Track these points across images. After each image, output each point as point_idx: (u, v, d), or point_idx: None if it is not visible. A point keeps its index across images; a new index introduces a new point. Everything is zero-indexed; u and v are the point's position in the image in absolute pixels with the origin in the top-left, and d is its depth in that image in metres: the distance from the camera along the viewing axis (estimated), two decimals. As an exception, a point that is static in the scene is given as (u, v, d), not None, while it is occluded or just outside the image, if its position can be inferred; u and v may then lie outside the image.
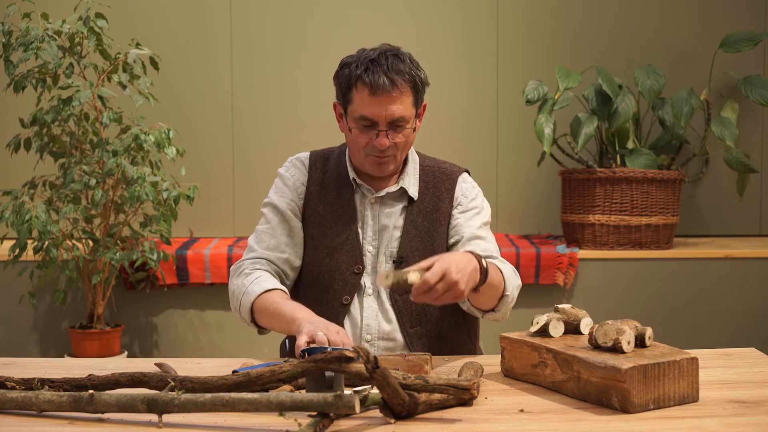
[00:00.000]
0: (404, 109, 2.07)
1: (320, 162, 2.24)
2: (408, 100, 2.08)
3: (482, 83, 4.31)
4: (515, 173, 4.35)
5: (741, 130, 4.23)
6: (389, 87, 2.04)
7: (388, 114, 2.06)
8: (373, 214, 2.19)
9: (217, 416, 1.59)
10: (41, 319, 3.80)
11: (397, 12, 4.31)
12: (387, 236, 2.18)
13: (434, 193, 2.21)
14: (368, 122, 2.08)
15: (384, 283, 1.77)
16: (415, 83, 2.09)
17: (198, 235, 4.27)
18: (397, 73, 2.05)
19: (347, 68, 2.10)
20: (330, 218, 2.18)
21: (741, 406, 1.64)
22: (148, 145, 3.46)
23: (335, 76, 2.14)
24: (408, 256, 2.16)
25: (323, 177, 2.22)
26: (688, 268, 3.89)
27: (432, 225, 2.19)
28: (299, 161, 2.25)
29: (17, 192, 3.46)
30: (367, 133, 2.09)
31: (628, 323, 1.78)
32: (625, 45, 4.33)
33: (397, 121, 2.07)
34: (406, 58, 2.10)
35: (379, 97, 2.05)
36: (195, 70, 4.26)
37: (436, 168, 2.25)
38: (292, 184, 2.22)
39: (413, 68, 2.10)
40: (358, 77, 2.06)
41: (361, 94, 2.07)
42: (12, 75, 3.44)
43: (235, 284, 2.15)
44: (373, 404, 1.59)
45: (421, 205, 2.19)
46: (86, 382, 1.65)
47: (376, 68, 2.05)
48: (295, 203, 2.20)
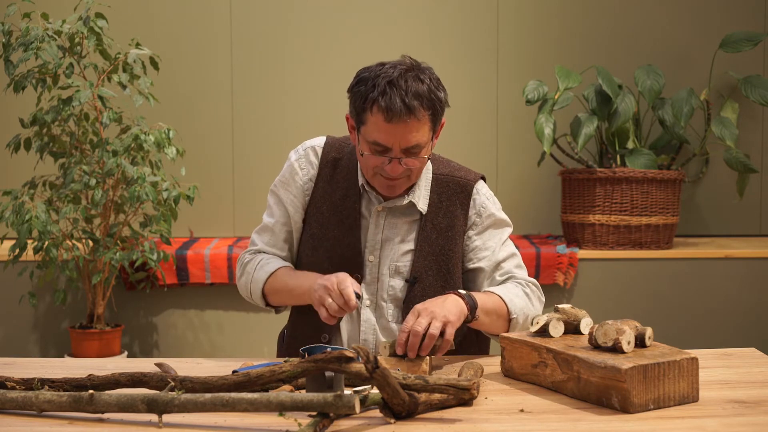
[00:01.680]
0: (420, 136, 1.96)
1: (333, 155, 2.16)
2: (425, 126, 1.96)
3: (482, 83, 4.31)
4: (515, 173, 4.35)
5: (741, 130, 4.23)
6: (406, 115, 1.92)
7: (403, 142, 1.95)
8: (377, 222, 2.11)
9: (217, 416, 1.59)
10: (41, 319, 3.80)
11: (397, 11, 4.31)
12: (390, 249, 2.11)
13: (448, 207, 2.13)
14: (381, 148, 1.97)
15: (384, 353, 1.88)
16: (435, 108, 1.96)
17: (198, 235, 4.27)
18: (415, 98, 1.92)
19: (363, 86, 1.97)
20: (333, 221, 2.12)
21: (741, 406, 1.64)
22: (148, 145, 3.46)
23: (350, 90, 2.02)
24: (422, 275, 2.10)
25: (332, 174, 2.14)
26: (688, 268, 3.89)
27: (447, 243, 2.11)
28: (313, 152, 2.17)
29: (17, 192, 3.46)
30: (379, 156, 1.98)
31: (628, 323, 1.78)
32: (625, 45, 4.33)
33: (412, 148, 1.97)
34: (426, 78, 1.96)
35: (395, 125, 1.93)
36: (195, 70, 4.26)
37: (450, 178, 2.14)
38: (300, 180, 2.16)
39: (433, 90, 1.96)
40: (374, 101, 1.93)
41: (376, 118, 1.94)
42: (12, 75, 3.44)
43: (243, 278, 2.19)
44: (373, 404, 1.59)
45: (434, 220, 2.11)
46: (86, 382, 1.65)
47: (394, 92, 1.92)
48: (299, 200, 2.17)
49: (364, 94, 1.96)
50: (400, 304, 2.11)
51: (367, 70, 2.00)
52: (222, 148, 4.29)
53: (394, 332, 2.11)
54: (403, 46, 4.32)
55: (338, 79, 4.29)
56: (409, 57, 2.02)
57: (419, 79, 1.95)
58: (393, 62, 2.00)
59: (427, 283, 2.10)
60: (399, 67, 1.97)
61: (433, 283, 2.10)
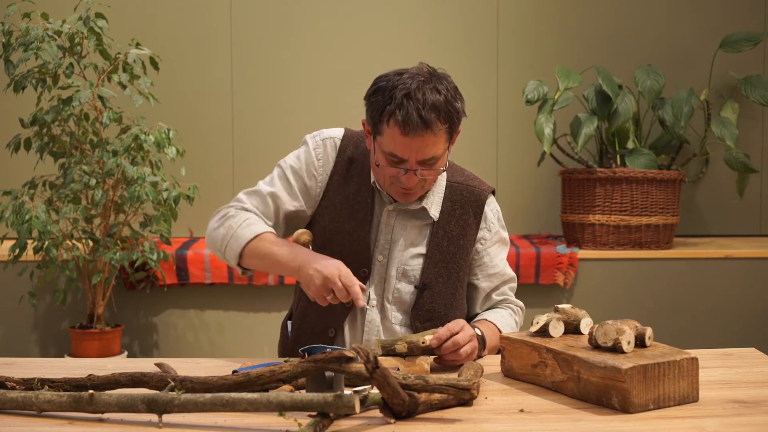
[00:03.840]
0: (437, 149, 1.96)
1: (351, 150, 2.13)
2: (441, 139, 1.96)
3: (482, 83, 4.31)
4: (515, 173, 4.35)
5: (741, 130, 4.23)
6: (422, 129, 1.91)
7: (419, 154, 1.95)
8: (388, 222, 2.11)
9: (217, 416, 1.59)
10: (41, 319, 3.80)
11: (397, 11, 4.31)
12: (399, 251, 2.11)
13: (461, 215, 2.13)
14: (397, 159, 1.97)
15: (378, 351, 1.88)
16: (452, 120, 1.96)
17: (198, 235, 4.27)
18: (432, 110, 1.91)
19: (380, 95, 1.95)
20: (345, 213, 2.11)
21: (741, 406, 1.64)
22: (148, 145, 3.46)
23: (367, 98, 2.00)
24: (432, 282, 2.11)
25: (348, 168, 2.12)
26: (688, 268, 3.89)
27: (458, 251, 2.12)
28: (332, 145, 2.14)
29: (17, 192, 3.46)
30: (394, 166, 1.98)
31: (628, 323, 1.78)
32: (625, 45, 4.33)
33: (428, 161, 1.97)
34: (443, 89, 1.94)
35: (412, 138, 1.92)
36: (195, 70, 4.26)
37: (464, 186, 2.15)
38: (314, 170, 2.13)
39: (450, 101, 1.95)
40: (391, 114, 1.92)
41: (392, 130, 1.93)
42: (12, 75, 3.44)
43: (220, 230, 2.08)
44: (373, 404, 1.59)
45: (446, 227, 2.12)
46: (86, 382, 1.65)
47: (411, 105, 1.90)
48: (305, 188, 2.12)
49: (381, 105, 1.95)
50: (405, 308, 2.12)
51: (385, 78, 1.98)
52: (222, 148, 4.29)
53: (398, 335, 2.11)
54: (403, 46, 4.33)
55: (338, 78, 4.31)
56: (426, 65, 2.00)
57: (437, 90, 1.93)
58: (411, 72, 1.97)
59: (437, 290, 2.11)
60: (417, 78, 1.94)
61: (442, 291, 2.12)
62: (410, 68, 1.99)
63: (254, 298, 3.86)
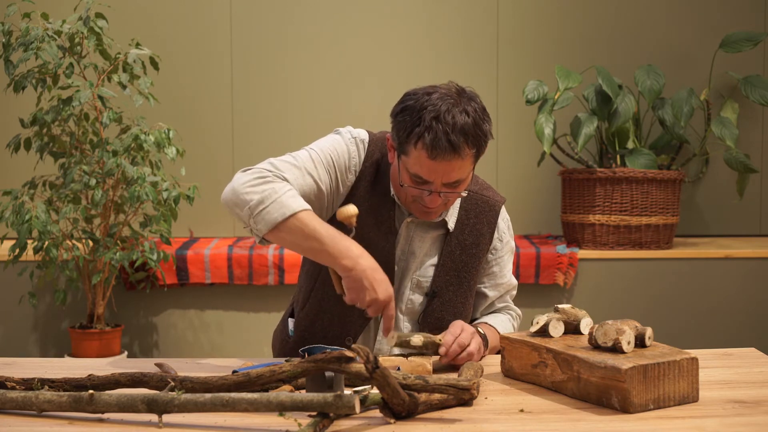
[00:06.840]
0: (463, 171, 1.93)
1: (377, 155, 2.06)
2: (468, 162, 1.92)
3: (482, 83, 4.31)
4: (515, 173, 4.35)
5: (741, 130, 4.23)
6: (450, 153, 1.87)
7: (445, 177, 1.91)
8: (407, 234, 2.08)
9: (217, 416, 1.59)
10: (41, 319, 3.80)
11: (397, 11, 4.30)
12: (414, 263, 2.09)
13: (475, 224, 2.12)
14: (422, 181, 1.93)
15: (390, 342, 1.87)
16: (479, 144, 1.92)
17: (198, 235, 4.27)
18: (461, 135, 1.87)
19: (408, 115, 1.90)
20: (369, 222, 2.04)
21: (741, 406, 1.64)
22: (148, 145, 3.46)
23: (394, 116, 1.94)
24: (442, 290, 2.10)
25: (375, 175, 2.05)
26: (688, 268, 3.89)
27: (470, 260, 2.12)
28: (362, 145, 2.05)
29: (17, 192, 3.46)
30: (419, 188, 1.94)
31: (628, 323, 1.78)
32: (625, 45, 4.33)
33: (453, 183, 1.94)
34: (471, 111, 1.90)
35: (439, 162, 1.88)
36: (195, 70, 4.26)
37: (479, 196, 2.14)
38: (352, 164, 2.03)
39: (479, 123, 1.91)
40: (419, 136, 1.87)
41: (419, 153, 1.89)
42: (12, 75, 3.44)
43: (261, 187, 1.87)
44: (373, 404, 1.59)
45: (460, 236, 2.11)
46: (86, 382, 1.65)
47: (439, 129, 1.86)
48: (339, 185, 2.02)
49: (408, 126, 1.90)
50: (416, 318, 2.12)
51: (414, 97, 1.92)
52: (222, 148, 4.29)
53: None
54: (403, 46, 4.33)
55: (338, 78, 4.31)
56: (455, 85, 1.95)
57: (466, 112, 1.89)
58: (440, 91, 1.92)
59: (446, 298, 2.11)
60: (446, 100, 1.89)
61: (452, 299, 2.12)
62: (439, 86, 1.94)
63: (254, 298, 3.86)
